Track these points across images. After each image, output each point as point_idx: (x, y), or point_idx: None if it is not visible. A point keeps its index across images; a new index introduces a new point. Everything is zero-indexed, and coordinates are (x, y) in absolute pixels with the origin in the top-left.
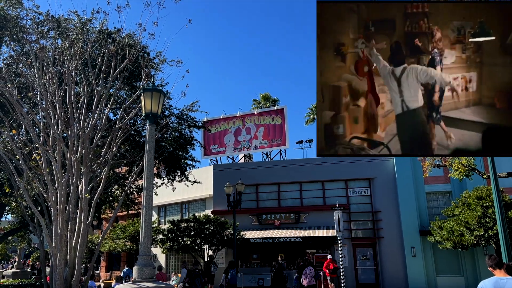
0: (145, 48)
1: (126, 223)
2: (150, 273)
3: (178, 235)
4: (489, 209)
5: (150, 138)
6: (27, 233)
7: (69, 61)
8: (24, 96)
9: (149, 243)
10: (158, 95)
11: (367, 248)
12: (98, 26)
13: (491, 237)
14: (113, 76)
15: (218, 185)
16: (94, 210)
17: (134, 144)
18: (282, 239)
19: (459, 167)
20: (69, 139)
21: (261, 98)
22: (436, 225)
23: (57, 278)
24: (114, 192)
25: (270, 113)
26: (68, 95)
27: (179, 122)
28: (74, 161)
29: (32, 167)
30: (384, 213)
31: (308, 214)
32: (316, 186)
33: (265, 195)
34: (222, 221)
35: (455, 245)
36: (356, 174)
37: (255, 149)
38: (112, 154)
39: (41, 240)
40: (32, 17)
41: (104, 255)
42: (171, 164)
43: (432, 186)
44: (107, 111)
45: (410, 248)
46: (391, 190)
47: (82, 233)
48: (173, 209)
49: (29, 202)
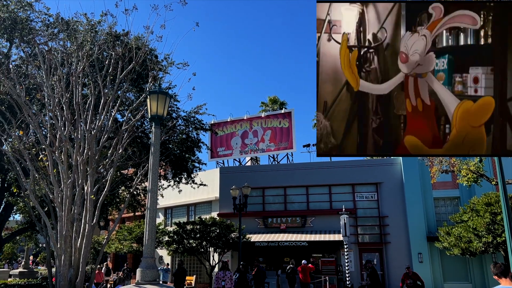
0: (153, 51)
1: (132, 224)
2: (153, 275)
3: (184, 237)
4: (498, 216)
5: (155, 141)
6: (34, 233)
7: (76, 63)
8: (33, 97)
9: (153, 245)
10: (164, 98)
11: (374, 253)
12: (107, 29)
13: (499, 244)
14: (120, 78)
15: (225, 188)
16: (99, 211)
17: (141, 146)
18: (288, 243)
19: (468, 173)
20: (75, 140)
21: (269, 100)
22: (444, 231)
23: (62, 279)
24: (121, 194)
25: (277, 116)
26: (75, 96)
27: (186, 124)
28: (80, 163)
29: (39, 168)
30: (391, 218)
31: (314, 218)
32: (322, 190)
33: (271, 198)
34: (228, 224)
35: (463, 252)
36: (364, 179)
37: (262, 152)
38: (118, 155)
39: (47, 240)
40: (42, 19)
41: (111, 256)
42: (177, 166)
43: (440, 191)
44: (114, 113)
45: (417, 254)
46: (398, 195)
47: (87, 234)
48: (179, 211)
49: (35, 203)
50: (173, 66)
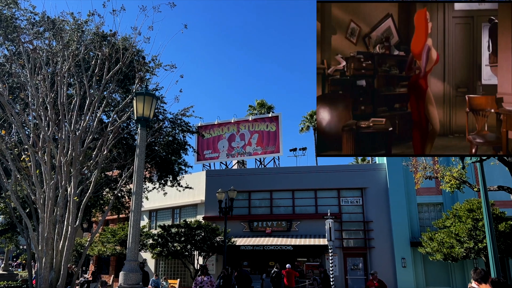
0: (140, 52)
1: (116, 226)
2: (137, 279)
3: (169, 240)
4: (479, 222)
5: (141, 143)
6: (15, 235)
7: (62, 62)
8: (16, 96)
9: (137, 248)
10: (150, 100)
11: (358, 257)
12: (94, 29)
13: (481, 250)
14: (106, 79)
15: (211, 191)
16: (82, 213)
17: (126, 147)
18: (273, 247)
19: (451, 180)
20: (59, 141)
21: (257, 104)
22: (427, 237)
23: (42, 282)
24: (105, 196)
25: (264, 120)
26: (60, 96)
27: (173, 126)
28: (63, 163)
29: (21, 169)
30: (375, 223)
31: (300, 222)
32: (308, 194)
33: (257, 202)
34: (213, 227)
35: (445, 257)
36: (349, 184)
37: (249, 156)
38: (103, 157)
39: (28, 242)
40: (28, 18)
41: (93, 259)
42: (163, 168)
43: (424, 197)
44: (99, 114)
45: (401, 259)
46: (383, 200)
47: (69, 237)
48: (164, 214)
49: (17, 204)
50: (161, 67)
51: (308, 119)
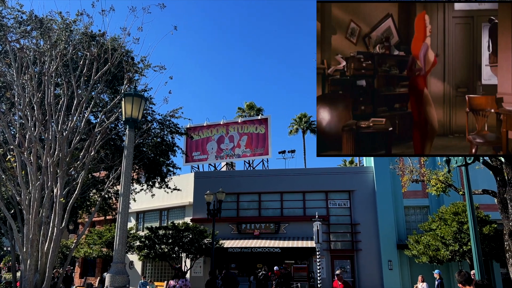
0: (129, 53)
1: (103, 228)
2: (123, 281)
3: (156, 242)
4: (464, 225)
5: (129, 144)
6: None
7: (49, 62)
8: (2, 96)
9: (124, 250)
10: (139, 101)
11: (346, 260)
12: (83, 28)
13: (465, 253)
14: (94, 79)
15: (199, 193)
16: (69, 214)
17: (114, 148)
18: (261, 249)
19: (437, 183)
20: (46, 141)
21: (246, 106)
22: (413, 239)
23: (27, 284)
24: (92, 197)
25: (254, 122)
26: (47, 96)
27: (161, 127)
28: (50, 164)
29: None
30: (362, 226)
31: (288, 225)
32: (296, 196)
33: (245, 204)
34: (201, 229)
35: (431, 260)
36: (337, 186)
37: (238, 158)
38: (90, 158)
39: (12, 244)
40: (15, 16)
41: (79, 261)
42: (151, 170)
43: (410, 200)
44: (87, 114)
45: (388, 261)
46: (370, 203)
47: (55, 238)
48: (151, 216)
49: (1, 205)
50: (150, 68)
51: (297, 121)
